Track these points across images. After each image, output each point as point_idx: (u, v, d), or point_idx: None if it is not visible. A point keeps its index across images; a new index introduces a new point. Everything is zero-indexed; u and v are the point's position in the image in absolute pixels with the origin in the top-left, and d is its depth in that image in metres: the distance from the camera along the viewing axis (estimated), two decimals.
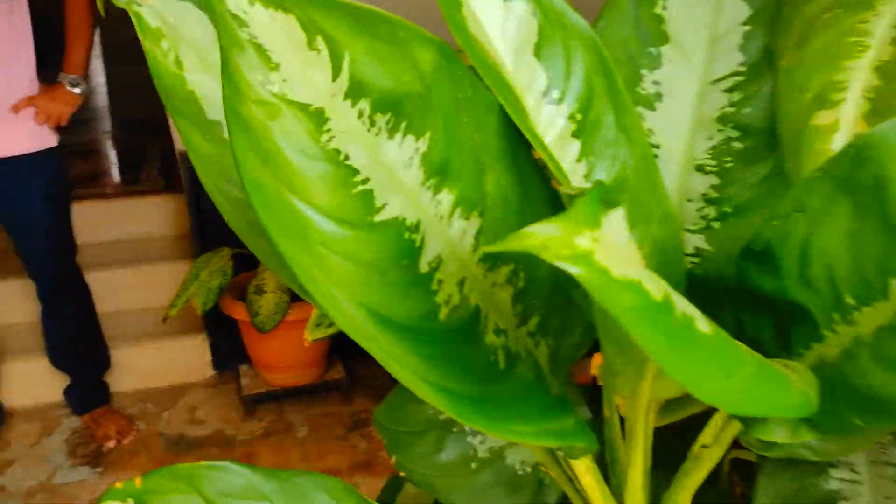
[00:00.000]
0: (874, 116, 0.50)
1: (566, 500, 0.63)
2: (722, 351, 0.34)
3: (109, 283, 2.41)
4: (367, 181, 0.46)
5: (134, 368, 2.37)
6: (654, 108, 0.60)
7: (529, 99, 0.50)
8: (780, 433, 0.45)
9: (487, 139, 0.50)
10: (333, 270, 0.43)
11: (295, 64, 0.44)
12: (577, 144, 0.50)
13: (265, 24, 0.43)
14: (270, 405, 2.38)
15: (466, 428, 0.70)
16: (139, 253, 2.58)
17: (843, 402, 0.42)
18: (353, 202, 0.46)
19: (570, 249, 0.27)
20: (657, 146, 0.59)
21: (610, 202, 0.31)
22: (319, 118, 0.44)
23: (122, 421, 2.24)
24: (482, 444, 0.69)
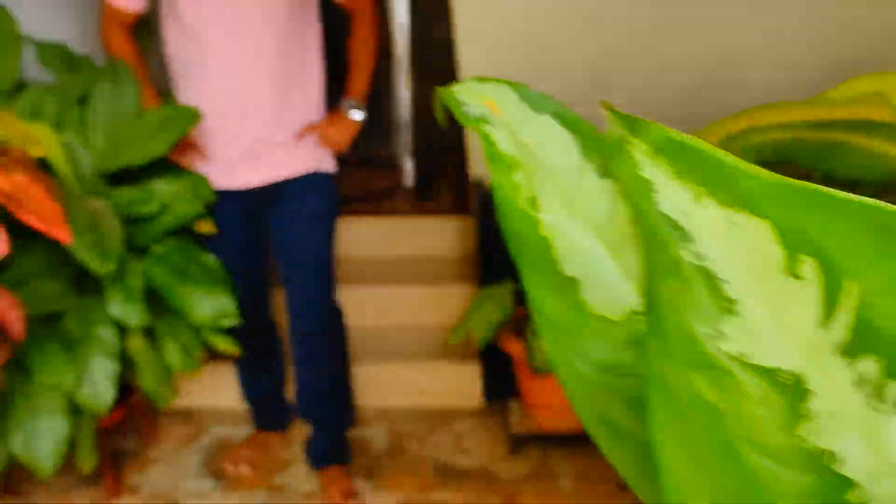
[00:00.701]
0: None
1: None
2: None
3: (391, 298, 2.47)
4: (858, 488, 0.27)
5: (407, 385, 2.41)
6: None
7: None
8: None
9: None
10: None
11: (762, 301, 0.27)
12: None
13: (719, 234, 0.27)
14: (537, 446, 2.27)
15: None
16: (423, 271, 2.61)
17: None
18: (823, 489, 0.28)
19: None
20: None
21: None
22: (795, 393, 0.27)
23: (351, 487, 2.07)
24: None
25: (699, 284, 0.26)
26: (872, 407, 0.27)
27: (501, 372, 2.28)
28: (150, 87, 1.86)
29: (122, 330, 1.75)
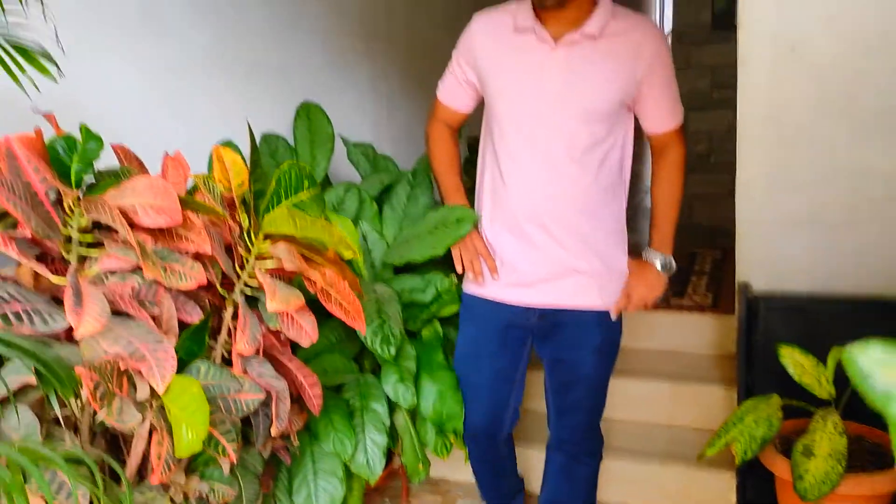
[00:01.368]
0: None
1: None
2: None
3: (643, 393, 2.41)
4: None
5: (656, 486, 2.32)
6: None
7: None
8: None
9: None
10: None
11: None
12: None
13: None
14: None
15: None
16: (675, 366, 2.53)
17: None
18: None
19: None
20: None
21: None
22: None
23: None
24: None
25: None
26: None
27: (761, 489, 2.12)
28: (460, 185, 1.85)
29: (390, 405, 1.91)
